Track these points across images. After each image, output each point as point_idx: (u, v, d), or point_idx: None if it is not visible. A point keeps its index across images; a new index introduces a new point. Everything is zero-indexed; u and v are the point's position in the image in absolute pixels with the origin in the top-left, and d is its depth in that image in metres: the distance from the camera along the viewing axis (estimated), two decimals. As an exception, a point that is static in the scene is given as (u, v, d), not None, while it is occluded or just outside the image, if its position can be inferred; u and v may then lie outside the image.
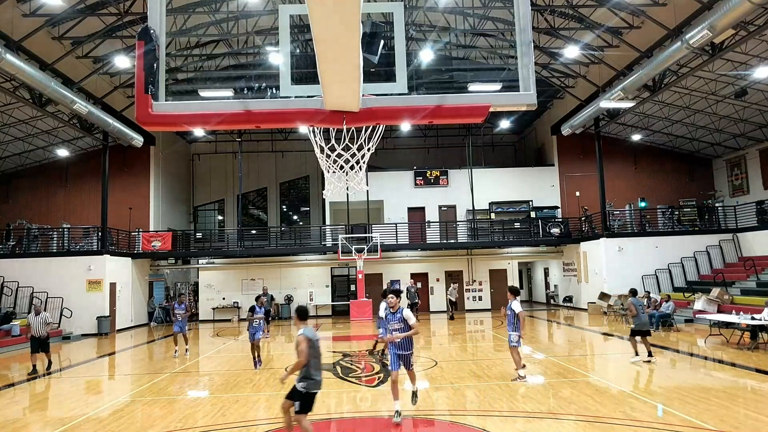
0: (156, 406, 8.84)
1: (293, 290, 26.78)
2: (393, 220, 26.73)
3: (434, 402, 8.43)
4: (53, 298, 20.30)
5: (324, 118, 3.74)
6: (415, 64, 20.49)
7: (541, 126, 29.72)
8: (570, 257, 26.39)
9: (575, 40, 19.23)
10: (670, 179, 27.14)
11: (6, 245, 22.17)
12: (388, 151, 30.29)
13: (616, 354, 13.24)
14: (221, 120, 3.96)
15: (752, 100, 20.28)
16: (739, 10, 12.32)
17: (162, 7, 3.54)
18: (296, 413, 5.69)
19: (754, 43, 16.38)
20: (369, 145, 4.89)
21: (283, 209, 33.22)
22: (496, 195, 27.58)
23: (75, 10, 16.11)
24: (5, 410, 9.01)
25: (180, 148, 30.66)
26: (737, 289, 18.03)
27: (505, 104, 3.91)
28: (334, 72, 3.28)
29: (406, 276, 26.72)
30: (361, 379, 10.46)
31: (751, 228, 20.99)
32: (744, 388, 8.94)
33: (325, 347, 15.51)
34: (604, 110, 21.45)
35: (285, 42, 3.75)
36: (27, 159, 25.35)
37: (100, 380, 12.33)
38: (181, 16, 18.39)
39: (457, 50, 23.72)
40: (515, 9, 3.74)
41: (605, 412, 7.43)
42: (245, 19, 18.85)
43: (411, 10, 19.51)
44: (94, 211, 23.72)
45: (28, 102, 17.41)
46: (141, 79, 3.42)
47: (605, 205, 23.02)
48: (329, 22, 2.85)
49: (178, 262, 28.16)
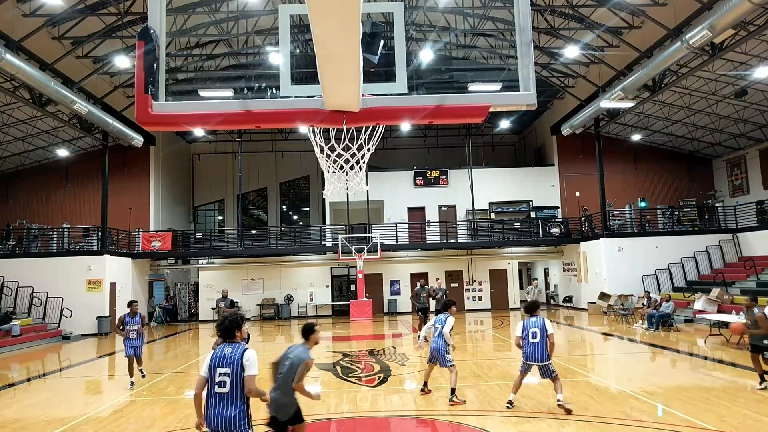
0: (156, 406, 8.84)
1: (293, 290, 26.77)
2: (393, 220, 26.73)
3: (434, 402, 8.43)
4: (53, 298, 20.31)
5: (324, 118, 3.74)
6: (415, 64, 20.49)
7: (541, 126, 29.72)
8: (570, 257, 26.39)
9: (575, 40, 19.23)
10: (670, 179, 27.14)
11: (6, 245, 22.17)
12: (388, 151, 30.28)
13: (616, 354, 13.25)
14: (221, 120, 3.95)
15: (752, 100, 20.28)
16: (739, 10, 12.32)
17: (162, 7, 3.54)
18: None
19: (754, 43, 16.38)
20: (369, 145, 4.89)
21: (283, 209, 33.23)
22: (496, 195, 27.57)
23: (75, 10, 16.11)
24: (5, 410, 9.01)
25: (180, 148, 30.66)
26: (737, 289, 18.02)
27: (505, 104, 3.91)
28: (334, 72, 3.28)
29: (407, 276, 26.75)
30: (361, 379, 10.46)
31: (751, 228, 20.99)
32: (744, 388, 8.94)
33: (325, 347, 15.52)
34: (604, 110, 21.45)
35: (285, 42, 3.75)
36: (27, 159, 25.35)
37: (100, 380, 12.33)
38: (181, 16, 18.39)
39: (457, 50, 23.72)
40: (515, 9, 3.74)
41: (605, 412, 7.43)
42: (245, 19, 18.84)
43: (411, 10, 19.51)
44: (94, 211, 23.70)
45: (28, 102, 17.41)
46: (141, 79, 3.42)
47: (605, 205, 23.02)
48: (329, 22, 2.85)
49: (178, 262, 28.16)
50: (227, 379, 4.16)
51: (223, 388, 4.16)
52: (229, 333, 4.41)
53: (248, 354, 4.28)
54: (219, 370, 4.20)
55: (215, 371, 4.22)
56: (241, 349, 4.29)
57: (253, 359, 4.27)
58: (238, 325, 4.47)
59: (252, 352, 4.33)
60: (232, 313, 4.65)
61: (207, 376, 4.24)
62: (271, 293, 26.67)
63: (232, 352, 4.26)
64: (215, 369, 4.22)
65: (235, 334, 4.42)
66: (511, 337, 16.86)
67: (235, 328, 4.44)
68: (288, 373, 5.00)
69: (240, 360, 4.21)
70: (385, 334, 18.65)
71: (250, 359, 4.25)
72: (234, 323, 4.46)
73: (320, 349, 15.27)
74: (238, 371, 4.18)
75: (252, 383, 4.21)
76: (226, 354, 4.25)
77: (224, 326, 4.44)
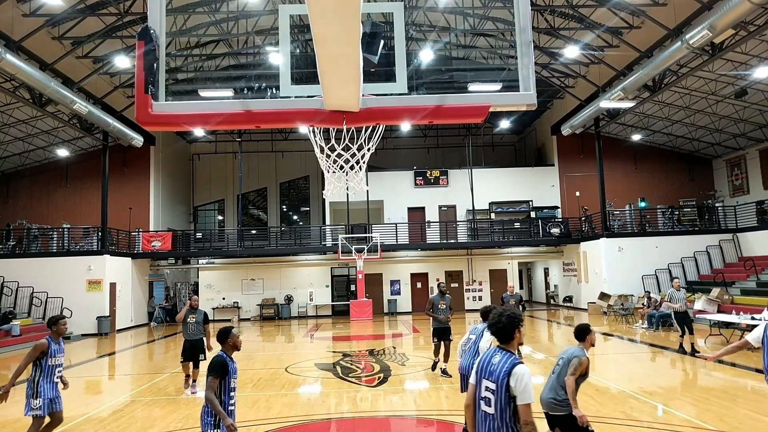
0: (156, 406, 8.84)
1: (293, 290, 26.78)
2: (393, 220, 26.73)
3: (434, 402, 8.43)
4: (53, 298, 20.31)
5: (324, 118, 3.73)
6: (415, 64, 20.49)
7: (541, 126, 29.72)
8: (570, 257, 26.39)
9: (575, 40, 19.23)
10: (670, 179, 27.15)
11: (6, 245, 22.16)
12: (388, 151, 30.27)
13: (616, 354, 13.25)
14: (221, 120, 3.95)
15: (752, 100, 20.28)
16: (739, 10, 12.32)
17: (162, 7, 3.54)
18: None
19: (754, 43, 16.38)
20: (369, 145, 4.89)
21: (283, 209, 33.23)
22: (496, 195, 27.57)
23: (75, 10, 16.11)
24: (5, 410, 9.00)
25: (180, 148, 30.66)
26: (737, 289, 18.02)
27: (505, 104, 3.90)
28: (334, 72, 3.28)
29: (407, 276, 26.74)
30: (361, 379, 10.45)
31: (751, 228, 20.98)
32: (744, 388, 8.94)
33: (325, 347, 15.53)
34: (604, 110, 21.45)
35: (285, 42, 3.75)
36: (27, 159, 25.34)
37: (100, 380, 12.33)
38: (181, 16, 18.39)
39: (457, 50, 23.72)
40: (515, 9, 3.74)
41: (605, 412, 7.43)
42: (245, 19, 18.84)
43: (411, 10, 19.51)
44: (94, 211, 23.71)
45: (28, 102, 17.41)
46: (141, 79, 3.42)
47: (605, 205, 23.02)
48: (329, 22, 2.85)
49: (178, 262, 28.17)
50: (492, 397, 3.19)
51: (488, 407, 3.20)
52: (505, 334, 3.32)
53: (518, 370, 3.12)
54: (485, 383, 3.24)
55: (481, 382, 3.27)
56: (510, 363, 3.17)
57: (526, 379, 3.10)
58: (516, 325, 3.33)
59: (524, 368, 3.15)
60: (509, 308, 3.45)
61: (475, 383, 3.33)
62: (271, 293, 26.67)
63: (499, 361, 3.22)
64: (481, 379, 3.28)
65: (514, 336, 3.31)
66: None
67: (515, 328, 3.32)
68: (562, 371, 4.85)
69: (506, 377, 3.13)
70: (385, 334, 18.65)
71: (520, 378, 3.09)
72: (514, 321, 3.32)
73: (320, 349, 15.28)
74: (503, 391, 3.13)
75: (526, 413, 3.06)
76: (493, 363, 3.24)
77: (501, 325, 3.31)
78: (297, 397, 9.22)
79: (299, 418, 7.73)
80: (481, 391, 3.24)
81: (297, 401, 8.87)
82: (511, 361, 3.16)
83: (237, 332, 4.66)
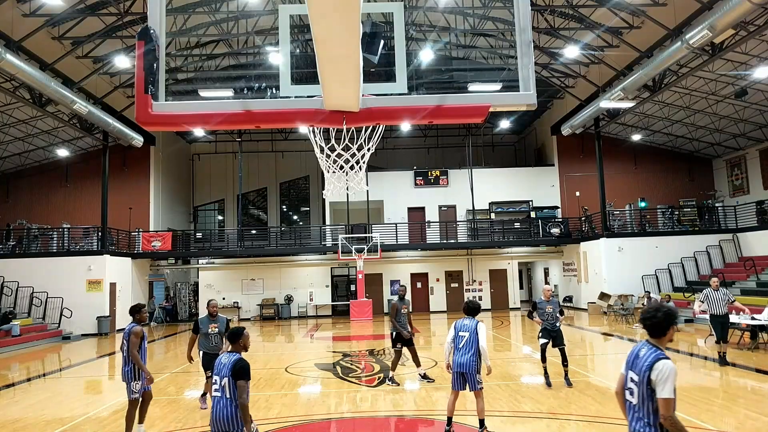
0: (156, 406, 8.83)
1: (293, 290, 26.78)
2: (393, 220, 26.73)
3: (434, 402, 8.43)
4: (53, 298, 20.32)
5: (324, 118, 3.73)
6: (415, 64, 20.49)
7: (541, 126, 29.73)
8: (570, 257, 26.40)
9: (575, 40, 19.23)
10: (670, 179, 27.15)
11: (6, 245, 22.17)
12: (388, 151, 30.28)
13: (616, 354, 13.24)
14: (221, 120, 3.95)
15: (752, 100, 20.28)
16: (739, 10, 12.33)
17: (162, 7, 3.54)
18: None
19: (754, 43, 16.38)
20: (369, 145, 4.89)
21: (283, 209, 33.23)
22: (496, 195, 27.57)
23: (75, 10, 16.11)
24: (5, 410, 9.01)
25: (180, 148, 30.66)
26: (737, 289, 18.02)
27: (505, 104, 3.90)
28: (334, 72, 3.28)
29: (407, 276, 26.73)
30: (361, 379, 10.45)
31: (751, 228, 20.99)
32: (744, 388, 8.94)
33: (325, 347, 15.52)
34: (604, 110, 21.45)
35: (285, 42, 3.75)
36: (27, 159, 25.35)
37: (100, 380, 12.33)
38: (181, 16, 18.40)
39: (457, 50, 23.72)
40: (515, 9, 3.74)
41: (605, 412, 7.43)
42: (245, 19, 18.85)
43: (411, 10, 19.51)
44: (94, 211, 23.71)
45: (28, 102, 17.42)
46: (141, 79, 3.41)
47: (605, 205, 23.02)
48: (329, 22, 2.85)
49: (178, 262, 28.18)
50: (635, 388, 3.26)
51: (632, 397, 3.30)
52: (659, 329, 3.29)
53: (660, 365, 3.14)
54: (630, 374, 3.32)
55: (628, 373, 3.36)
56: (654, 357, 3.19)
57: (666, 373, 3.11)
58: (672, 322, 3.30)
59: (667, 363, 3.14)
60: (665, 304, 3.41)
61: (624, 372, 3.41)
62: (271, 293, 26.68)
63: (644, 355, 3.25)
64: (628, 370, 3.37)
65: (666, 332, 3.30)
66: (511, 337, 16.88)
67: (671, 324, 3.29)
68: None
69: (648, 371, 3.17)
70: (385, 334, 18.63)
71: (661, 372, 3.11)
72: (670, 318, 3.28)
73: (320, 349, 15.28)
74: (645, 383, 3.19)
75: (664, 407, 3.11)
76: (639, 356, 3.28)
77: (657, 320, 3.28)
78: (297, 397, 9.22)
79: (299, 418, 7.73)
80: (627, 381, 3.36)
81: (297, 401, 8.87)
82: (656, 355, 3.21)
83: (248, 333, 4.66)
